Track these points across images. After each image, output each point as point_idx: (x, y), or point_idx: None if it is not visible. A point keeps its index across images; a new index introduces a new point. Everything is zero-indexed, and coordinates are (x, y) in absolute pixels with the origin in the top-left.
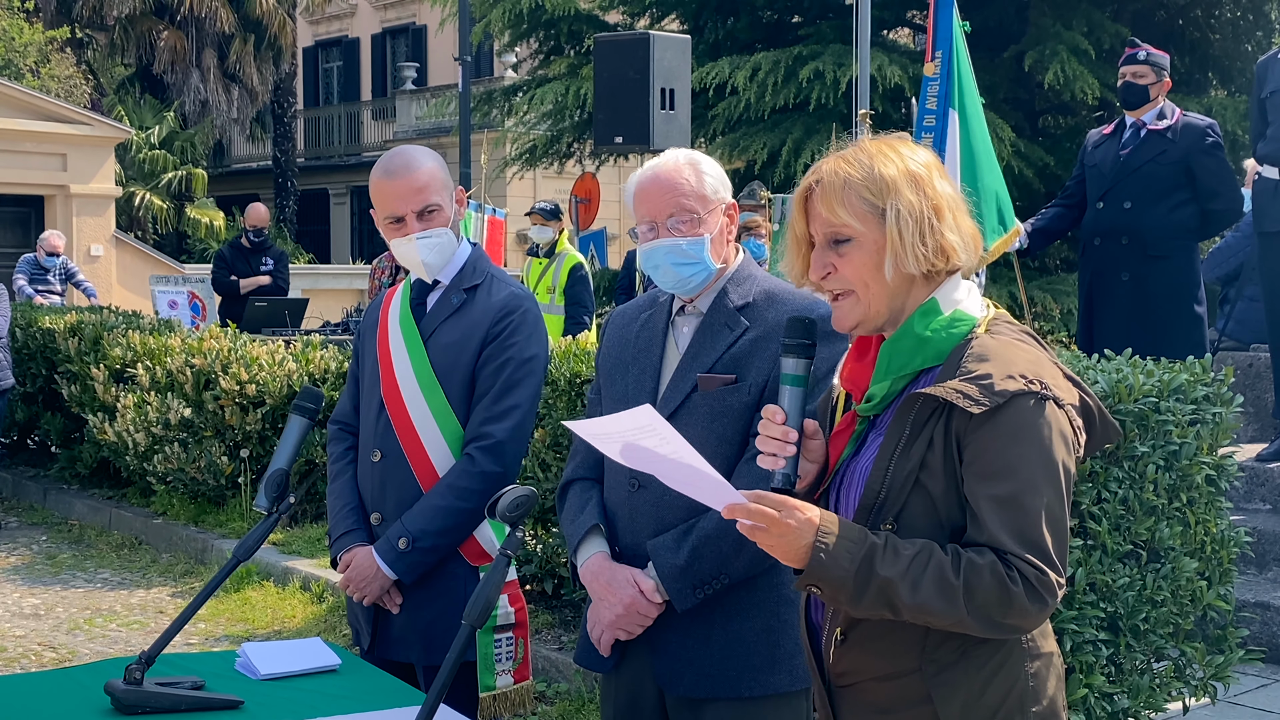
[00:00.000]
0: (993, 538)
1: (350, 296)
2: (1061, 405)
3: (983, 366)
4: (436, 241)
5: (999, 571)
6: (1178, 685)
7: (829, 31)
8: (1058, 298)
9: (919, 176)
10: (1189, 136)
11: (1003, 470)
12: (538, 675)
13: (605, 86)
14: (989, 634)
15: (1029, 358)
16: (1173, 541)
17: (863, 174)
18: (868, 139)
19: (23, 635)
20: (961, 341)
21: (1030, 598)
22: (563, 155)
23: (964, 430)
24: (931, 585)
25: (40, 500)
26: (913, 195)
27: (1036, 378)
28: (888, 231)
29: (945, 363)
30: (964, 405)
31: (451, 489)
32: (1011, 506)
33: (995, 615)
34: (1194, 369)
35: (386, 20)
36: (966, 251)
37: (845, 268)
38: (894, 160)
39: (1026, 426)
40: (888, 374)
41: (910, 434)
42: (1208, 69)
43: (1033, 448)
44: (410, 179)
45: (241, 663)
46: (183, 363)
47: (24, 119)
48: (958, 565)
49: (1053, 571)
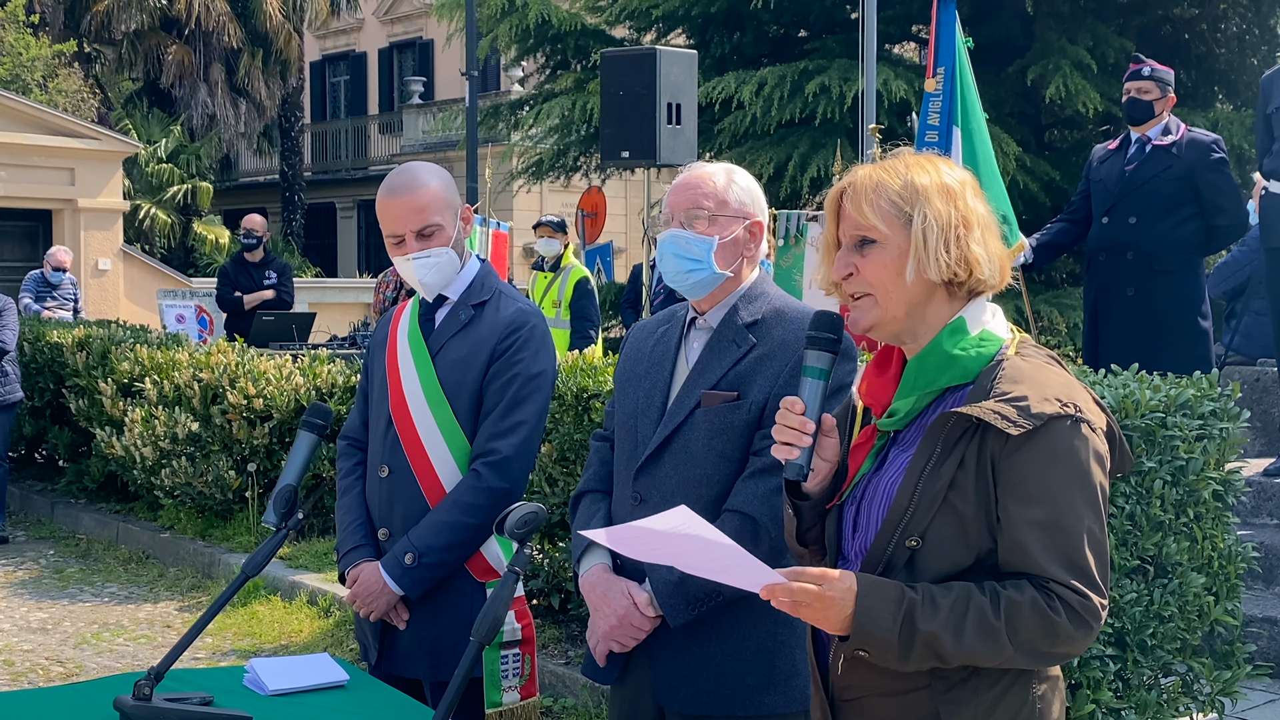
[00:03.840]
0: (1036, 564)
1: (357, 310)
2: (1095, 429)
3: (1017, 388)
4: (435, 262)
5: (1039, 605)
6: (1185, 701)
7: (834, 46)
8: (1064, 312)
9: (952, 189)
10: (1194, 152)
11: (1043, 494)
12: (544, 690)
13: (612, 101)
14: (1039, 665)
15: (1061, 381)
16: (1180, 557)
17: (896, 179)
18: (909, 152)
19: (30, 649)
20: (990, 362)
21: (1075, 624)
22: (569, 169)
23: (999, 453)
24: (974, 631)
25: (48, 514)
26: (942, 205)
27: (1071, 400)
28: (913, 236)
29: (974, 383)
30: (1002, 426)
31: (458, 505)
32: (1053, 531)
33: (1042, 647)
34: (1200, 384)
35: (393, 35)
36: (991, 269)
37: (867, 269)
38: (930, 172)
39: (1065, 450)
40: (914, 389)
41: (941, 452)
42: (1213, 83)
43: (1072, 471)
44: (411, 199)
45: (250, 678)
46: (190, 377)
47: (32, 133)
48: (998, 606)
49: (1096, 595)
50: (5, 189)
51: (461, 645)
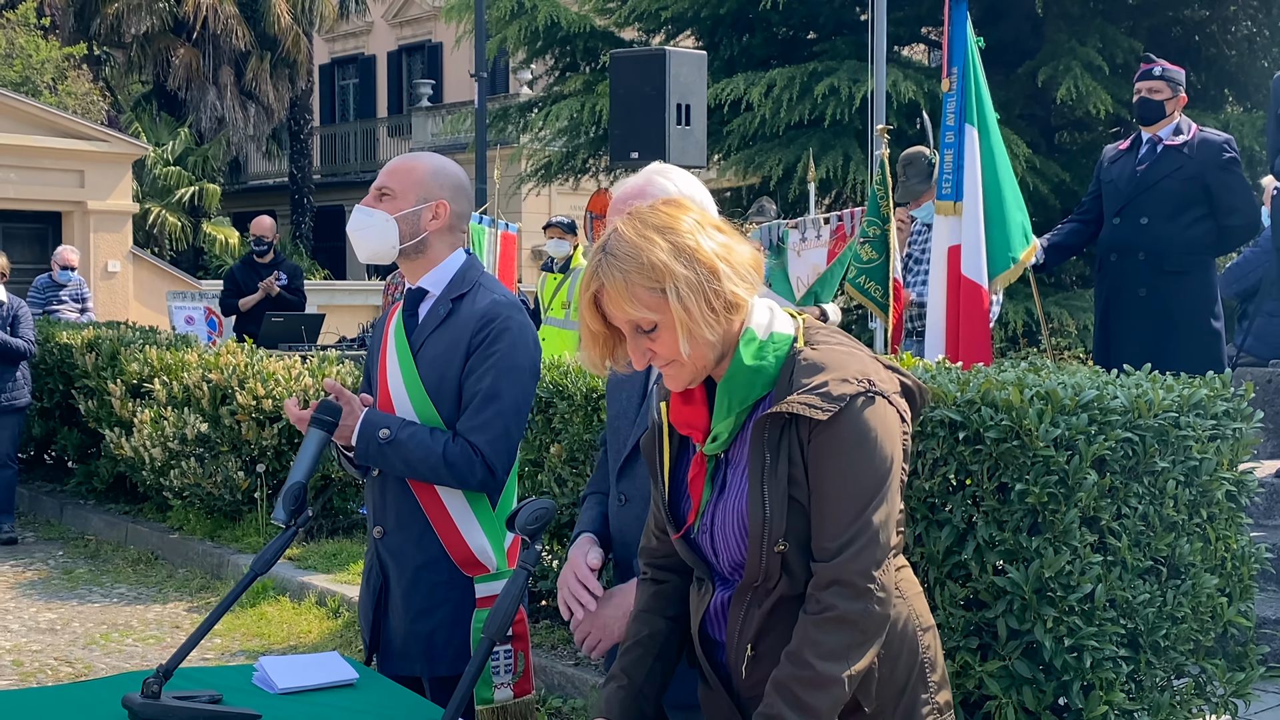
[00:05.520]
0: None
1: (366, 312)
2: (889, 397)
3: (817, 377)
4: (367, 220)
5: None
6: (1198, 702)
7: (844, 48)
8: (1074, 314)
9: (685, 248)
10: (1205, 152)
11: (844, 472)
12: (554, 691)
13: (621, 102)
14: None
15: (850, 358)
16: (1193, 558)
17: (636, 266)
18: (623, 219)
19: (39, 650)
20: (786, 360)
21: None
22: (578, 171)
23: (807, 438)
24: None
25: (57, 515)
26: (686, 269)
27: (865, 376)
28: (675, 315)
29: (777, 385)
30: (810, 415)
31: (447, 447)
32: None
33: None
34: (1213, 384)
35: (402, 38)
36: (750, 283)
37: (661, 348)
38: (656, 241)
39: (865, 429)
40: (730, 411)
41: (771, 457)
42: (1224, 85)
43: (872, 449)
44: (394, 163)
45: (259, 676)
46: (199, 378)
47: (42, 135)
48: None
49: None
50: (15, 191)
51: (454, 640)
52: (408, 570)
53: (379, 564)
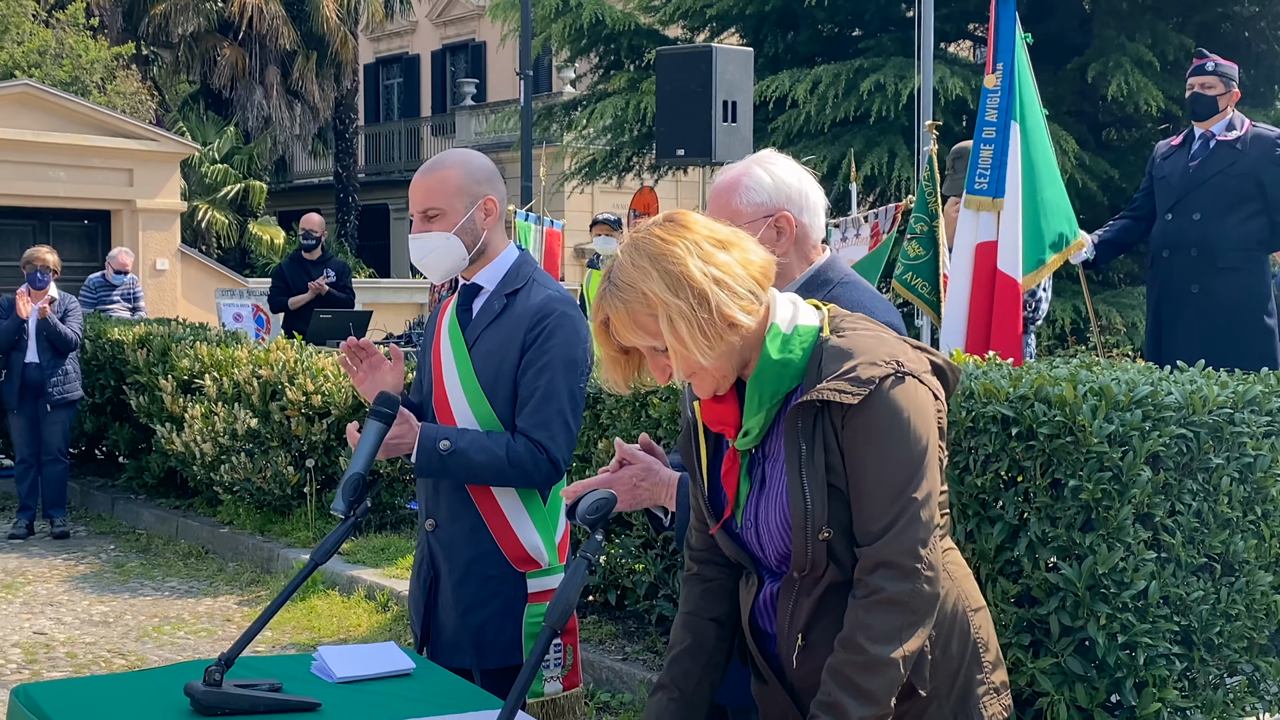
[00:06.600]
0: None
1: (411, 310)
2: (920, 376)
3: (845, 363)
4: (429, 246)
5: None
6: (1251, 700)
7: (890, 44)
8: (1122, 311)
9: (676, 276)
10: (1259, 147)
11: (881, 457)
12: (601, 686)
13: (667, 99)
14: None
15: (882, 343)
16: (1247, 555)
17: (634, 296)
18: (623, 239)
19: (93, 642)
20: (814, 350)
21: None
22: (621, 169)
23: (841, 424)
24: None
25: (108, 510)
26: (677, 299)
27: (893, 358)
28: (667, 339)
29: (806, 376)
30: (842, 399)
31: (509, 449)
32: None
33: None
34: (1269, 380)
35: (447, 37)
36: (752, 297)
37: (678, 365)
38: (649, 273)
39: (897, 409)
40: (760, 406)
41: (807, 447)
42: (1274, 81)
43: (905, 428)
44: (423, 180)
45: (317, 665)
46: (249, 374)
47: (91, 134)
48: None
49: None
50: (65, 190)
51: (504, 633)
52: (459, 563)
53: (430, 557)
